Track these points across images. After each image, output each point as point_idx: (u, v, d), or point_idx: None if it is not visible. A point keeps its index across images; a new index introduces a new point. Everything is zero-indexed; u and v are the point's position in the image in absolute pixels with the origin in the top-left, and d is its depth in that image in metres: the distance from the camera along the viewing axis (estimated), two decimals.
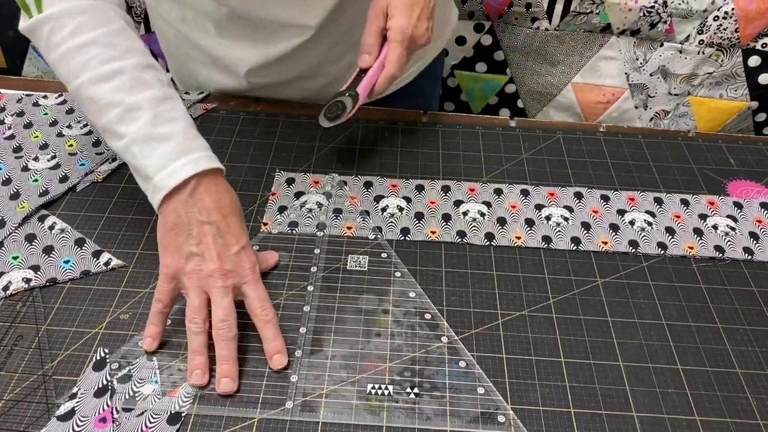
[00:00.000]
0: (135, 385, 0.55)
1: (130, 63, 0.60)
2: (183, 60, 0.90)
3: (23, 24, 0.63)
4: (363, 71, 0.70)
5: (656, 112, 1.22)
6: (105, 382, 0.55)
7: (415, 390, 0.56)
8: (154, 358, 0.57)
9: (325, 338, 0.60)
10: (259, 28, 0.79)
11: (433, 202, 0.74)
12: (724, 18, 1.08)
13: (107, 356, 0.57)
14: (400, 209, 0.73)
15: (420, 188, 0.76)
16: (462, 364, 0.58)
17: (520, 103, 1.27)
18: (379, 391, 0.56)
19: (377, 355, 0.58)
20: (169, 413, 0.54)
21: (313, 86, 0.88)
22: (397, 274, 0.66)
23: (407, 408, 0.55)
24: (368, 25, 0.70)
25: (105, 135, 0.62)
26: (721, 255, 0.69)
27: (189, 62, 0.89)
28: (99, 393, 0.54)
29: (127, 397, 0.55)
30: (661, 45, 1.14)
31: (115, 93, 0.59)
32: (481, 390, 0.56)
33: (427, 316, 0.62)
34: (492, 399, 0.55)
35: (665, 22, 1.11)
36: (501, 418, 0.54)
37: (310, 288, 0.64)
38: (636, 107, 1.22)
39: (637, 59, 1.17)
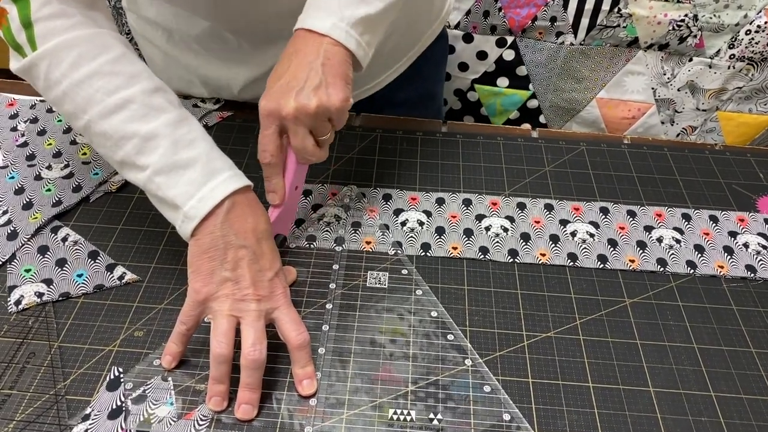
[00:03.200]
0: (150, 406, 0.54)
1: (139, 89, 0.57)
2: (171, 82, 0.88)
3: (16, 65, 0.59)
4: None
5: (683, 128, 1.20)
6: (119, 403, 0.54)
7: (438, 416, 0.54)
8: (170, 379, 0.56)
9: (344, 360, 0.58)
10: (245, 45, 0.78)
11: (454, 216, 0.72)
12: (756, 32, 1.05)
13: (121, 375, 0.56)
14: (421, 224, 0.71)
15: (440, 201, 0.74)
16: (487, 388, 0.56)
17: (542, 119, 1.25)
18: (402, 417, 0.54)
19: (399, 379, 0.57)
20: None
21: None
22: (418, 292, 0.64)
23: None
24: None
25: (123, 169, 0.59)
26: (753, 275, 0.67)
27: (179, 83, 0.86)
28: (113, 414, 0.53)
29: (141, 419, 0.53)
30: (690, 60, 1.11)
31: (128, 124, 0.56)
32: (507, 416, 0.54)
33: (450, 337, 0.60)
34: (519, 426, 0.53)
35: (695, 36, 1.08)
36: None
37: (329, 306, 0.62)
38: (662, 123, 1.20)
39: (665, 74, 1.14)
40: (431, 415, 0.54)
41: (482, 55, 1.19)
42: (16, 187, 0.73)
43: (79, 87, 0.57)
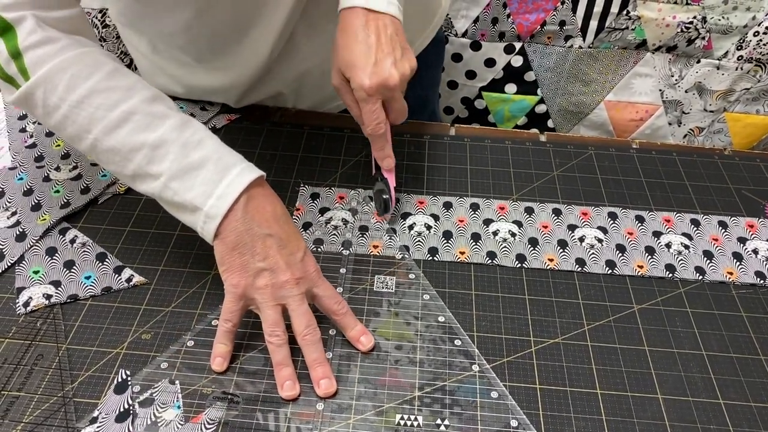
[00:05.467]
0: (157, 409, 0.54)
1: (138, 100, 0.58)
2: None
3: (10, 97, 0.59)
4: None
5: (690, 129, 1.19)
6: (126, 406, 0.54)
7: (446, 422, 0.54)
8: (177, 382, 0.56)
9: (351, 364, 0.58)
10: (227, 48, 0.78)
11: (461, 221, 0.72)
12: (765, 33, 1.05)
13: (129, 378, 0.56)
14: (428, 227, 0.71)
15: (448, 205, 0.73)
16: (494, 394, 0.56)
17: (550, 123, 1.24)
18: (408, 422, 0.54)
19: (406, 384, 0.56)
20: None
21: (302, 97, 0.87)
22: (426, 296, 0.64)
23: None
24: (343, 99, 0.66)
25: (136, 181, 0.59)
26: (762, 281, 0.67)
27: (165, 92, 0.86)
28: (120, 418, 0.53)
29: (149, 422, 0.53)
30: (698, 61, 1.11)
31: (134, 135, 0.57)
32: (514, 423, 0.54)
33: (458, 342, 0.60)
34: None
35: (703, 38, 1.08)
36: None
37: None
38: (670, 124, 1.19)
39: (672, 76, 1.14)
40: (438, 421, 0.54)
41: (490, 63, 1.18)
42: (25, 189, 0.73)
43: (79, 108, 0.57)
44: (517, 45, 1.15)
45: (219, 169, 0.57)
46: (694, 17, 1.06)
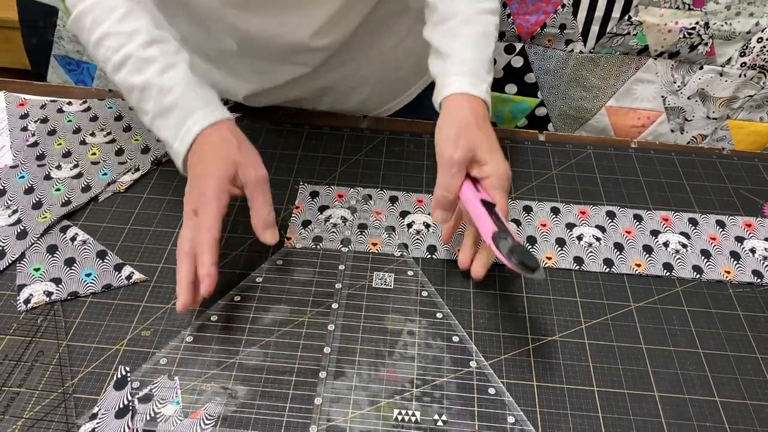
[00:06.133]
0: (156, 405, 0.54)
1: (135, 45, 0.65)
2: None
3: (68, 24, 0.71)
4: (487, 208, 0.60)
5: (693, 137, 1.19)
6: (126, 402, 0.54)
7: (443, 417, 0.54)
8: (176, 378, 0.56)
9: (350, 359, 0.58)
10: (257, 63, 0.81)
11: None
12: None
13: (128, 375, 0.56)
14: (427, 226, 0.71)
15: None
16: (491, 391, 0.56)
17: (551, 127, 1.24)
18: (406, 418, 0.54)
19: (404, 379, 0.57)
20: None
21: (321, 104, 0.90)
22: (424, 293, 0.64)
23: None
24: (449, 180, 0.61)
25: (138, 113, 0.68)
26: (759, 280, 0.67)
27: None
28: (120, 413, 0.53)
29: (148, 418, 0.53)
30: (701, 68, 1.11)
31: (129, 77, 0.65)
32: (511, 419, 0.54)
33: (455, 339, 0.60)
34: (523, 429, 0.53)
35: (706, 44, 1.08)
36: None
37: (335, 305, 0.63)
38: (672, 131, 1.19)
39: (675, 82, 1.13)
40: (435, 417, 0.54)
41: None
42: (26, 187, 0.73)
43: (96, 49, 0.67)
44: (518, 45, 1.15)
45: (183, 114, 0.64)
46: (697, 23, 1.06)
